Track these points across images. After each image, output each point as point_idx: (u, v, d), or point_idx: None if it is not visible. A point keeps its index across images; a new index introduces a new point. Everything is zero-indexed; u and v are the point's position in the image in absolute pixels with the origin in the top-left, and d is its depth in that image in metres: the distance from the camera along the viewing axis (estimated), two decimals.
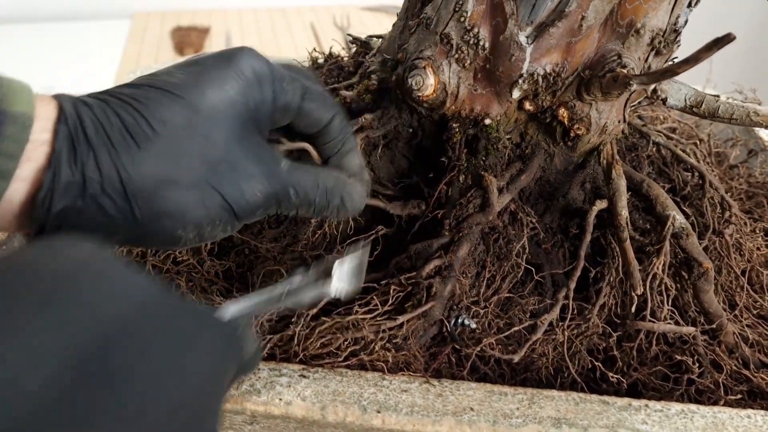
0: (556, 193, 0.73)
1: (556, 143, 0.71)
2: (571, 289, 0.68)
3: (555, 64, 0.65)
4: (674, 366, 0.67)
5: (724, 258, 0.74)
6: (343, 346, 0.61)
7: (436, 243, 0.67)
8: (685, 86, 0.70)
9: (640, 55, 0.66)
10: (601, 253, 0.72)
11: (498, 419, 0.56)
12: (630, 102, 0.71)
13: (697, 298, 0.69)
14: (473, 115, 0.70)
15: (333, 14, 2.50)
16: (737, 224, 0.77)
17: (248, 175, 0.49)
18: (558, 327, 0.67)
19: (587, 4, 0.62)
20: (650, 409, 0.59)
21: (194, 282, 0.68)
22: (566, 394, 0.60)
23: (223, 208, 0.48)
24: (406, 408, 0.56)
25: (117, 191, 0.44)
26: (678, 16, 0.66)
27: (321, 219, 0.72)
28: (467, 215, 0.68)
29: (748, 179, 0.94)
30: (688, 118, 0.93)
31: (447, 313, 0.65)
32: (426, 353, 0.65)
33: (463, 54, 0.66)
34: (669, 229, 0.68)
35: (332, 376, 0.59)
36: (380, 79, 0.73)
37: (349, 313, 0.63)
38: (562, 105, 0.67)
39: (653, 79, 0.62)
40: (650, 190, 0.71)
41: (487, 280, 0.68)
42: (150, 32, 2.40)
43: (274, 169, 0.51)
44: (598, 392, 0.63)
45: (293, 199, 0.52)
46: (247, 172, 0.49)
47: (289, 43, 2.29)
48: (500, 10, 0.64)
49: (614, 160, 0.70)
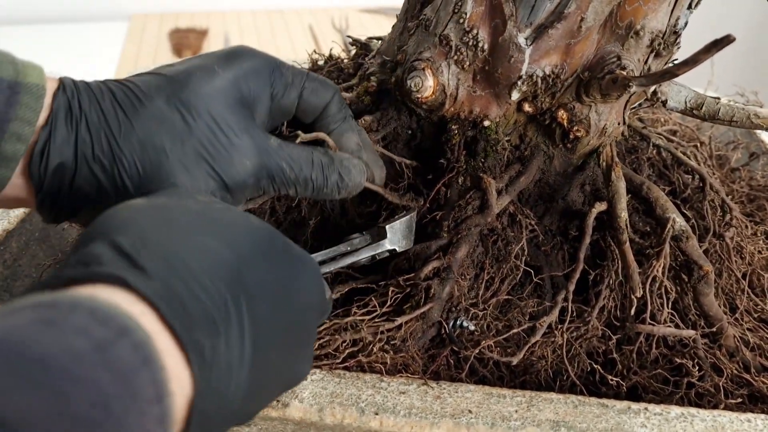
0: (555, 195, 0.73)
1: (556, 145, 0.71)
2: (570, 292, 0.68)
3: (554, 66, 0.65)
4: (674, 369, 0.66)
5: (725, 261, 0.74)
6: (341, 348, 0.61)
7: (434, 244, 0.67)
8: (685, 88, 0.70)
9: (640, 56, 0.66)
10: (600, 256, 0.72)
11: (496, 422, 0.56)
12: (630, 104, 0.71)
13: (698, 301, 0.68)
14: (472, 116, 0.70)
15: (331, 16, 2.50)
16: (738, 227, 0.77)
17: (237, 146, 0.51)
18: (557, 329, 0.67)
19: (586, 5, 0.62)
20: (650, 412, 0.58)
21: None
22: (565, 396, 0.60)
23: (209, 175, 0.50)
24: (404, 410, 0.56)
25: (105, 153, 0.48)
26: (678, 18, 0.65)
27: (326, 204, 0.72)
28: (466, 217, 0.67)
29: (749, 182, 0.94)
30: (689, 120, 0.93)
31: (446, 315, 0.65)
32: (425, 355, 0.65)
33: (462, 55, 0.66)
34: (669, 231, 0.67)
35: (330, 377, 0.59)
36: (379, 81, 0.73)
37: (348, 315, 0.63)
38: (562, 107, 0.67)
39: (653, 80, 0.62)
40: (650, 192, 0.71)
41: (486, 282, 0.68)
42: (148, 34, 2.40)
43: (263, 144, 0.53)
44: (598, 395, 0.63)
45: (287, 173, 0.54)
46: (235, 144, 0.51)
47: (288, 44, 2.29)
48: (499, 11, 0.64)
49: (614, 162, 0.70)
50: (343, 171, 0.57)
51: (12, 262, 0.76)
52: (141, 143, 0.49)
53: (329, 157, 0.57)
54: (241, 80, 0.53)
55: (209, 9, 2.62)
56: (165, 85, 0.51)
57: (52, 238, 0.82)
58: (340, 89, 0.76)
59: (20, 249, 0.78)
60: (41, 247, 0.81)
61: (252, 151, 0.52)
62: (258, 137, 0.53)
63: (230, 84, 0.52)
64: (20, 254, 0.78)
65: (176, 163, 0.49)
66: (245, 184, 0.52)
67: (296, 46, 2.28)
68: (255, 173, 0.52)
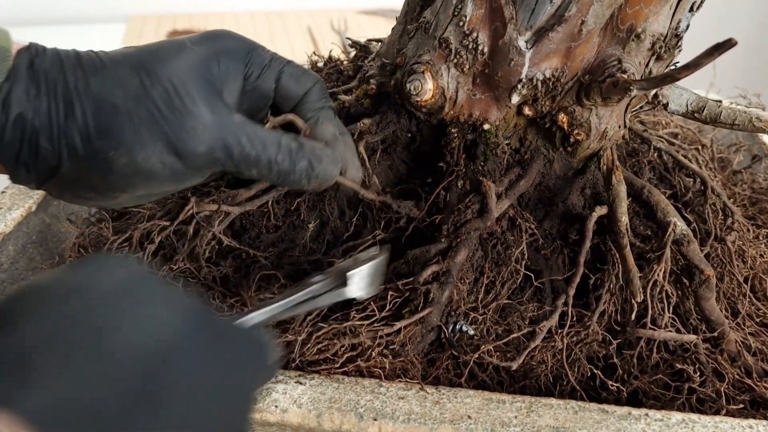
0: (555, 198, 0.73)
1: (556, 148, 0.71)
2: (570, 296, 0.67)
3: (554, 69, 0.65)
4: (675, 374, 0.66)
5: (727, 265, 0.74)
6: (340, 353, 0.61)
7: (433, 248, 0.66)
8: (686, 91, 0.70)
9: (641, 60, 0.66)
10: (601, 260, 0.71)
11: (496, 427, 0.56)
12: (631, 107, 0.71)
13: (699, 305, 0.68)
14: (472, 120, 0.69)
15: (330, 18, 2.49)
16: (740, 231, 0.76)
17: (192, 113, 0.50)
18: (557, 334, 0.66)
19: (587, 8, 0.61)
20: (650, 418, 0.58)
21: (191, 287, 0.67)
22: (565, 402, 0.59)
23: (158, 137, 0.50)
24: (403, 416, 0.56)
25: (59, 106, 0.49)
26: (679, 21, 0.65)
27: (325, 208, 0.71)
28: (465, 221, 0.67)
29: (751, 185, 0.94)
30: (690, 123, 0.93)
31: (445, 320, 0.65)
32: (424, 359, 0.64)
33: (461, 59, 0.66)
34: (670, 235, 0.67)
35: (329, 382, 0.59)
36: (379, 84, 0.73)
37: (347, 319, 0.63)
38: (562, 110, 0.67)
39: (654, 84, 0.61)
40: (651, 196, 0.71)
41: (486, 286, 0.68)
42: (146, 35, 2.39)
43: (223, 116, 0.52)
44: (598, 400, 0.63)
45: (247, 149, 0.52)
46: (191, 110, 0.50)
47: (286, 46, 2.28)
48: (499, 14, 0.64)
49: (614, 165, 0.70)
50: (314, 159, 0.55)
51: (9, 265, 0.76)
52: (95, 100, 0.49)
53: (299, 143, 0.55)
54: (212, 57, 0.53)
55: (207, 11, 2.61)
56: (133, 54, 0.51)
57: (49, 241, 0.82)
58: (340, 91, 0.76)
59: (17, 252, 0.78)
60: (38, 250, 0.80)
61: (208, 120, 0.50)
62: (219, 109, 0.52)
63: (199, 59, 0.52)
64: (17, 257, 0.77)
65: (126, 121, 0.49)
66: (196, 152, 0.50)
67: (295, 48, 2.27)
68: (209, 142, 0.51)
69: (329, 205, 0.73)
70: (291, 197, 0.72)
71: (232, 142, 0.51)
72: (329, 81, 0.83)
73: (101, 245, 0.70)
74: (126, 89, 0.49)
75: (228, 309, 0.66)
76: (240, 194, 0.70)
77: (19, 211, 0.79)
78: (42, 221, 0.82)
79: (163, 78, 0.50)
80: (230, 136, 0.51)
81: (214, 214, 0.68)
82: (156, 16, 2.55)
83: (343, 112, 0.74)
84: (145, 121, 0.49)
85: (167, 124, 0.49)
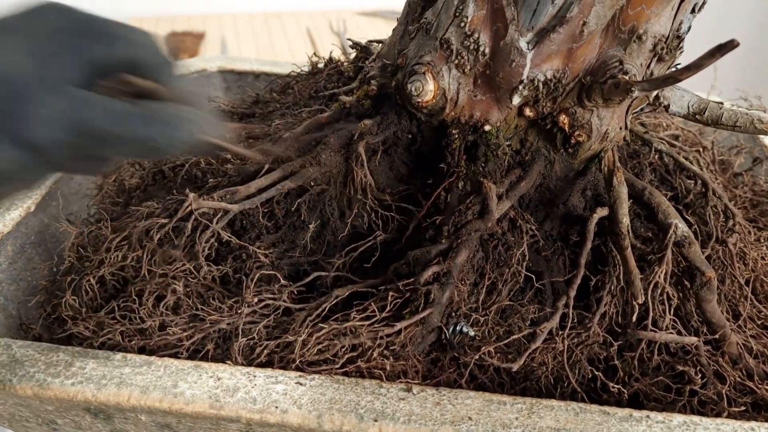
0: (556, 200, 0.73)
1: (557, 150, 0.71)
2: (571, 298, 0.67)
3: (556, 70, 0.65)
4: (676, 377, 0.66)
5: (728, 267, 0.74)
6: (340, 353, 0.61)
7: (434, 249, 0.66)
8: (688, 93, 0.70)
9: (642, 61, 0.66)
10: (601, 261, 0.71)
11: (496, 429, 0.55)
12: (632, 109, 0.71)
13: (700, 307, 0.68)
14: (473, 121, 0.69)
15: (329, 19, 2.50)
16: (741, 233, 0.76)
17: (35, 101, 0.46)
18: (558, 335, 0.66)
19: (589, 9, 0.61)
20: (651, 420, 0.58)
21: (191, 287, 0.67)
22: (566, 404, 0.59)
23: (2, 134, 0.45)
24: (403, 417, 0.56)
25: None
26: (681, 22, 0.65)
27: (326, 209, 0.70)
28: (466, 222, 0.67)
29: (752, 187, 0.94)
30: (691, 125, 0.93)
31: (445, 321, 0.65)
32: (424, 360, 0.64)
33: (463, 59, 0.66)
34: (671, 237, 0.67)
35: (329, 383, 0.58)
36: (380, 85, 0.73)
37: (347, 320, 0.62)
38: (563, 111, 0.67)
39: (655, 85, 0.61)
40: (652, 197, 0.71)
41: (486, 288, 0.67)
42: None
43: (69, 98, 0.48)
44: (599, 402, 0.63)
45: (102, 125, 0.48)
46: (33, 99, 0.46)
47: (285, 47, 2.28)
48: (501, 15, 0.64)
49: (615, 167, 0.69)
50: (173, 122, 0.51)
51: (8, 265, 0.76)
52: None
53: (155, 108, 0.51)
54: (43, 36, 0.48)
55: (206, 12, 2.61)
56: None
57: (47, 241, 0.81)
58: (341, 92, 0.76)
59: (16, 252, 0.77)
60: (37, 250, 0.80)
61: (52, 103, 0.47)
62: (62, 90, 0.47)
63: (29, 41, 0.48)
64: (16, 258, 0.77)
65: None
66: (48, 139, 0.47)
67: (294, 49, 2.27)
68: (59, 126, 0.47)
69: (329, 206, 0.72)
70: (291, 198, 0.72)
71: (83, 121, 0.48)
72: (330, 82, 0.83)
73: (100, 244, 0.69)
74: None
75: (228, 309, 0.66)
76: (239, 192, 0.69)
77: (18, 211, 0.79)
78: (41, 222, 0.81)
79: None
80: (80, 114, 0.47)
81: (214, 212, 0.68)
82: (154, 18, 2.56)
83: (344, 112, 0.74)
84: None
85: (6, 117, 0.45)
